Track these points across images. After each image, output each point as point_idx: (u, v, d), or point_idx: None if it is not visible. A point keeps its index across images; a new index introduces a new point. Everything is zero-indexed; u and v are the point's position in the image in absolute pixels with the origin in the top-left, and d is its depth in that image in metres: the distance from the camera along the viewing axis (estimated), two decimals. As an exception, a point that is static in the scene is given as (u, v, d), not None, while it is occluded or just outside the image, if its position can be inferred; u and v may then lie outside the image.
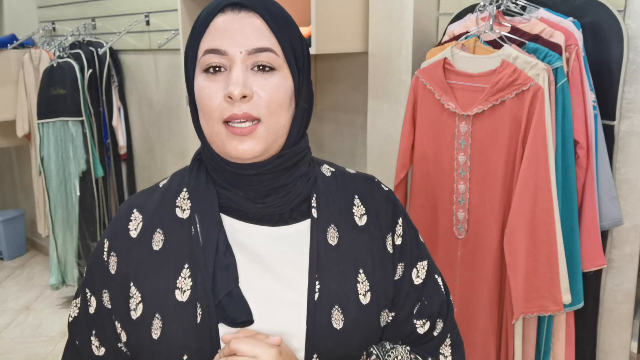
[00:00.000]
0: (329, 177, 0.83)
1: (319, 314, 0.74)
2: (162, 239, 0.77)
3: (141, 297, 0.75)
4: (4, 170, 4.36)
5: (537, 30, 1.38)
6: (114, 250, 0.78)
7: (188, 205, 0.78)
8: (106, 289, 0.78)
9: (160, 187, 0.83)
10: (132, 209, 0.80)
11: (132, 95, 3.15)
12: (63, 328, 3.04)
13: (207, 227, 0.75)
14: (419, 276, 0.83)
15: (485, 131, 1.40)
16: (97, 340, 0.80)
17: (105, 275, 0.78)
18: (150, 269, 0.76)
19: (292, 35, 0.73)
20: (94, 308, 0.80)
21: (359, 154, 2.10)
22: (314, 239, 0.77)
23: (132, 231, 0.78)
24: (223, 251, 0.74)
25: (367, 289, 0.77)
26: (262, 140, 0.71)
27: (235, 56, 0.69)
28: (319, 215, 0.78)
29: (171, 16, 2.70)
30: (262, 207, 0.76)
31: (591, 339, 1.48)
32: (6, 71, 3.25)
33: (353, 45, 1.79)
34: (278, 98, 0.71)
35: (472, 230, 1.46)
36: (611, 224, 1.40)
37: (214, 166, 0.76)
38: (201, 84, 0.71)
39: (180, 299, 0.73)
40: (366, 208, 0.82)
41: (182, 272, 0.74)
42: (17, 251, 4.11)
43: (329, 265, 0.76)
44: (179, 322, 0.73)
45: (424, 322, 0.83)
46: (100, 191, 3.05)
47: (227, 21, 0.71)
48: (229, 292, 0.72)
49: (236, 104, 0.69)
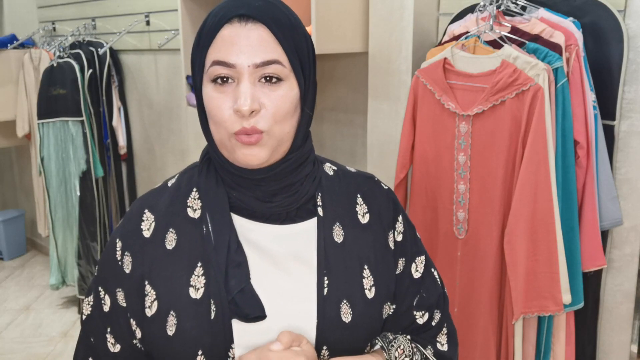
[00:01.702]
0: (332, 176, 0.86)
1: (329, 308, 0.77)
2: (175, 238, 0.79)
3: (156, 295, 0.77)
4: (4, 170, 4.37)
5: (537, 30, 1.38)
6: (128, 250, 0.80)
7: (199, 205, 0.81)
8: (120, 287, 0.80)
9: (169, 187, 0.85)
10: (144, 209, 0.82)
11: (132, 95, 3.16)
12: (63, 328, 3.04)
13: (218, 226, 0.78)
14: (417, 270, 0.88)
15: (486, 131, 1.40)
16: (112, 337, 0.82)
17: (119, 274, 0.80)
18: (164, 267, 0.78)
19: (299, 43, 0.75)
20: (109, 306, 0.81)
21: (359, 154, 2.10)
22: (321, 236, 0.80)
23: (145, 231, 0.80)
24: (234, 249, 0.77)
25: (372, 284, 0.81)
26: (267, 148, 0.73)
27: (243, 69, 0.71)
28: (325, 214, 0.82)
29: (171, 16, 2.70)
30: (270, 206, 0.78)
31: (591, 339, 1.48)
32: (6, 71, 3.25)
33: (353, 45, 1.79)
34: (284, 109, 0.73)
35: (472, 230, 1.46)
36: (611, 224, 1.40)
37: (222, 167, 0.79)
38: (210, 94, 0.74)
39: (195, 297, 0.76)
40: (368, 206, 0.86)
41: (196, 270, 0.77)
42: (17, 251, 4.11)
43: (336, 262, 0.80)
44: (194, 318, 0.75)
45: (422, 314, 0.88)
46: (101, 191, 3.05)
47: (234, 33, 0.72)
48: (241, 289, 0.75)
49: (245, 117, 0.71)
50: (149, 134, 3.11)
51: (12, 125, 3.34)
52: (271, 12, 0.73)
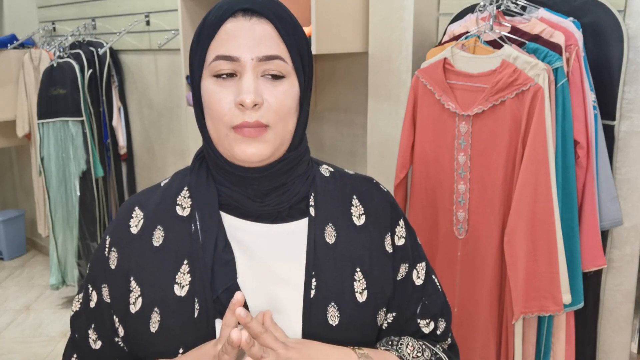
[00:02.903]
0: (327, 177, 0.85)
1: (315, 311, 0.75)
2: (162, 235, 0.79)
3: (140, 291, 0.77)
4: (4, 170, 4.36)
5: (537, 30, 1.38)
6: (115, 246, 0.80)
7: (188, 203, 0.80)
8: (106, 283, 0.80)
9: (161, 186, 0.85)
10: (134, 207, 0.82)
11: (132, 95, 3.16)
12: (63, 328, 3.04)
13: (206, 224, 0.77)
14: (419, 277, 0.86)
15: (486, 131, 1.40)
16: (95, 333, 0.82)
17: (105, 269, 0.80)
18: (150, 263, 0.77)
19: (300, 41, 0.74)
20: (95, 302, 0.81)
21: (359, 154, 2.10)
22: (311, 236, 0.78)
23: (133, 227, 0.80)
24: (222, 247, 0.76)
25: (364, 287, 0.79)
26: (269, 144, 0.72)
27: (246, 63, 0.70)
28: (317, 214, 0.80)
29: (171, 16, 2.70)
30: (261, 205, 0.77)
31: (591, 339, 1.48)
32: (6, 71, 3.25)
33: (353, 45, 1.79)
34: (287, 105, 0.72)
35: (472, 230, 1.46)
36: (611, 224, 1.40)
37: (216, 165, 0.77)
38: (210, 88, 0.72)
39: (179, 294, 0.75)
40: (365, 208, 0.84)
41: (182, 267, 0.76)
42: (17, 251, 4.11)
43: (326, 263, 0.78)
44: (177, 316, 0.74)
45: (427, 322, 0.86)
46: (101, 191, 3.05)
47: (238, 27, 0.71)
48: (227, 288, 0.74)
49: (247, 111, 0.70)
50: (149, 134, 3.11)
51: (12, 125, 3.34)
52: (275, 8, 0.73)
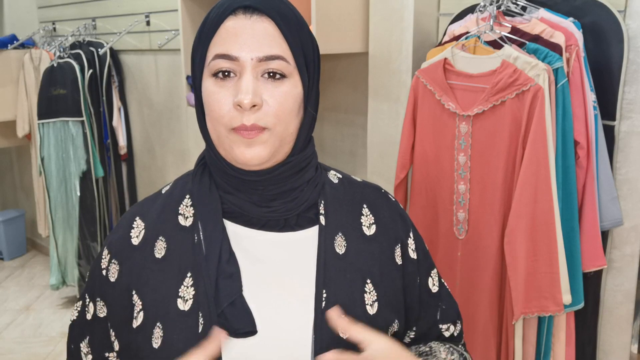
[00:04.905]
0: (336, 184, 0.82)
1: (326, 324, 0.72)
2: (164, 246, 0.75)
3: (142, 305, 0.73)
4: (4, 170, 4.36)
5: (537, 30, 1.38)
6: (115, 258, 0.77)
7: (191, 212, 0.77)
8: (102, 297, 0.77)
9: (162, 194, 0.81)
10: (135, 217, 0.79)
11: (132, 95, 3.16)
12: (63, 328, 3.04)
13: (210, 234, 0.74)
14: (434, 284, 0.86)
15: (486, 131, 1.40)
16: (87, 347, 0.80)
17: (103, 283, 0.77)
18: (152, 277, 0.74)
19: (304, 40, 0.72)
20: (91, 315, 0.79)
21: (360, 154, 2.10)
22: (321, 246, 0.75)
23: (134, 239, 0.77)
24: (226, 259, 0.72)
25: (375, 299, 0.76)
26: (268, 146, 0.69)
27: (246, 62, 0.68)
28: (327, 223, 0.77)
29: (171, 16, 2.70)
30: (267, 211, 0.74)
31: (591, 339, 1.48)
32: (6, 71, 3.25)
33: (353, 45, 1.79)
34: (287, 106, 0.69)
35: (472, 230, 1.46)
36: (611, 225, 1.39)
37: (218, 169, 0.75)
38: (209, 88, 0.70)
39: (182, 308, 0.72)
40: (375, 217, 0.81)
41: (185, 280, 0.73)
42: (18, 251, 4.11)
43: (337, 274, 0.75)
44: (181, 331, 0.71)
45: (448, 326, 0.88)
46: (101, 191, 3.05)
47: (238, 25, 0.69)
48: (232, 302, 0.71)
49: (245, 112, 0.67)
50: (149, 134, 3.11)
51: (12, 125, 3.34)
52: (277, 6, 0.70)
